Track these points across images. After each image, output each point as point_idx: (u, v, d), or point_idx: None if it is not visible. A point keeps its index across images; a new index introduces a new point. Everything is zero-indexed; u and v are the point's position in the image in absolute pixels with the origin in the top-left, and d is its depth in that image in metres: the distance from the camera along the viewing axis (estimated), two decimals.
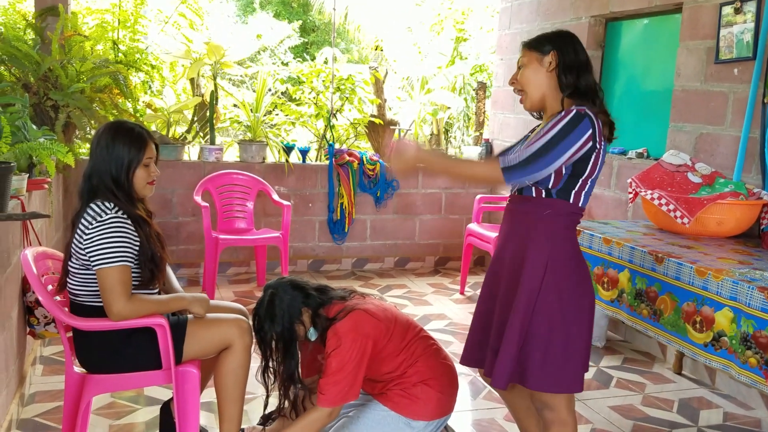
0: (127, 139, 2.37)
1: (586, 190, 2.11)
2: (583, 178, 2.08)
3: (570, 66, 2.11)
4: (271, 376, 2.39)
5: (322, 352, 2.40)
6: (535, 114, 2.31)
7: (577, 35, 2.21)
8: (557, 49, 2.12)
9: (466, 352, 2.36)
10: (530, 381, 2.10)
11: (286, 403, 2.41)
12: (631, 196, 3.47)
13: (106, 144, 2.36)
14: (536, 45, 2.17)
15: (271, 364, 2.37)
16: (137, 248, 2.34)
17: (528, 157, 2.01)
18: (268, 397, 2.43)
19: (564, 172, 2.06)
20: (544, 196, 2.10)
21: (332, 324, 2.30)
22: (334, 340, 2.28)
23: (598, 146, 2.05)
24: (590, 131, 2.01)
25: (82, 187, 2.39)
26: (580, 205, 2.12)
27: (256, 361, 2.49)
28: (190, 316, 2.48)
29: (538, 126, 2.25)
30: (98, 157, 2.37)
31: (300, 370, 2.40)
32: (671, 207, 3.19)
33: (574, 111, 2.02)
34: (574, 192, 2.09)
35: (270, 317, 2.31)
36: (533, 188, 2.12)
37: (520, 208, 2.19)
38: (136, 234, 2.34)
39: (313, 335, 2.36)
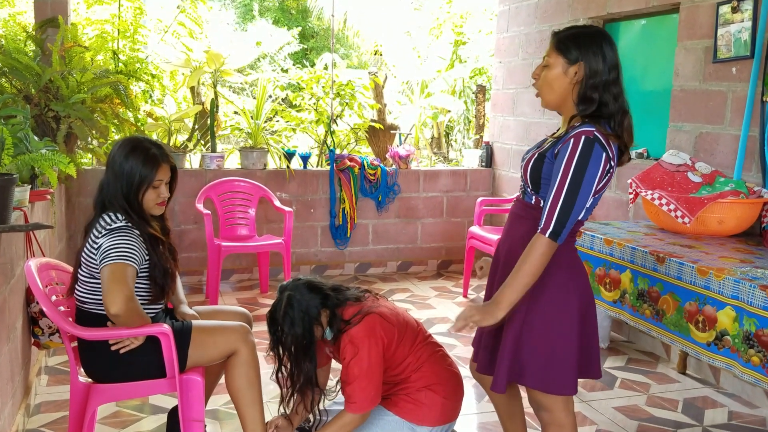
0: (141, 159, 2.38)
1: (588, 205, 2.03)
2: None
3: (595, 84, 2.01)
4: (286, 375, 2.36)
5: (329, 345, 2.40)
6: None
7: (611, 38, 2.08)
8: (585, 60, 2.01)
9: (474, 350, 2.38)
10: (525, 379, 2.10)
11: (298, 403, 2.41)
12: (631, 196, 3.47)
13: (120, 160, 2.38)
14: (564, 48, 2.03)
15: (286, 365, 2.35)
16: (147, 264, 2.36)
17: (561, 214, 1.94)
18: (282, 398, 2.43)
19: None
20: (542, 205, 2.06)
21: (347, 328, 2.29)
22: (350, 347, 2.26)
23: (612, 169, 2.01)
24: (605, 154, 1.95)
25: (96, 197, 2.43)
26: (579, 218, 2.05)
27: (261, 370, 2.51)
28: (194, 322, 2.49)
29: (554, 133, 2.17)
30: (112, 171, 2.40)
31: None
32: (672, 207, 3.19)
33: (583, 138, 1.94)
34: None
35: (289, 320, 2.27)
36: (534, 196, 2.11)
37: (519, 212, 2.18)
38: (145, 248, 2.36)
39: (329, 335, 2.35)
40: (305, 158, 5.65)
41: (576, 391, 2.12)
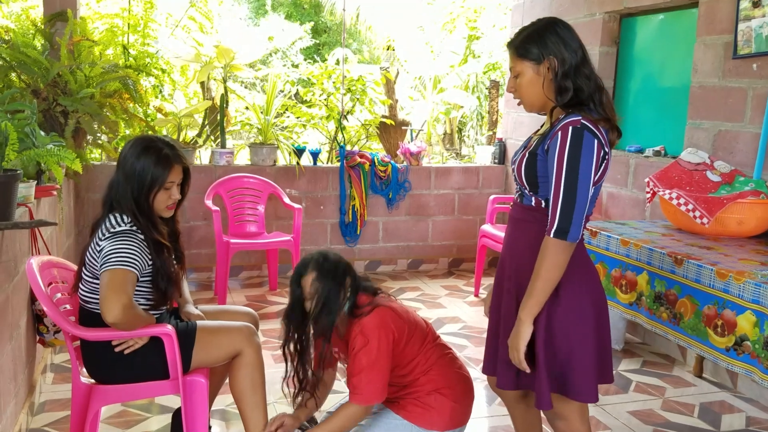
0: (153, 160, 2.31)
1: (590, 196, 1.97)
2: None
3: (566, 71, 1.96)
4: (293, 350, 2.30)
5: (338, 344, 2.35)
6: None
7: (564, 20, 2.03)
8: (549, 53, 1.96)
9: (486, 362, 2.30)
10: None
11: (308, 398, 2.35)
12: (648, 195, 3.39)
13: (132, 160, 2.32)
14: (524, 51, 1.99)
15: (296, 336, 2.28)
16: (150, 269, 2.31)
17: (563, 210, 1.87)
18: (287, 374, 2.36)
19: None
20: (543, 206, 2.00)
21: (359, 317, 2.24)
22: (360, 337, 2.21)
23: (607, 156, 1.95)
24: (596, 141, 1.88)
25: (105, 196, 2.37)
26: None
27: (268, 369, 2.46)
28: (199, 322, 2.45)
29: (538, 130, 2.12)
30: (123, 170, 2.34)
31: (313, 362, 2.34)
32: (690, 207, 3.11)
33: (570, 129, 1.88)
34: None
35: (322, 272, 2.24)
36: (533, 198, 2.03)
37: (520, 216, 2.10)
38: (149, 253, 2.30)
39: (345, 307, 2.29)
40: (315, 154, 5.59)
41: (597, 399, 2.05)
